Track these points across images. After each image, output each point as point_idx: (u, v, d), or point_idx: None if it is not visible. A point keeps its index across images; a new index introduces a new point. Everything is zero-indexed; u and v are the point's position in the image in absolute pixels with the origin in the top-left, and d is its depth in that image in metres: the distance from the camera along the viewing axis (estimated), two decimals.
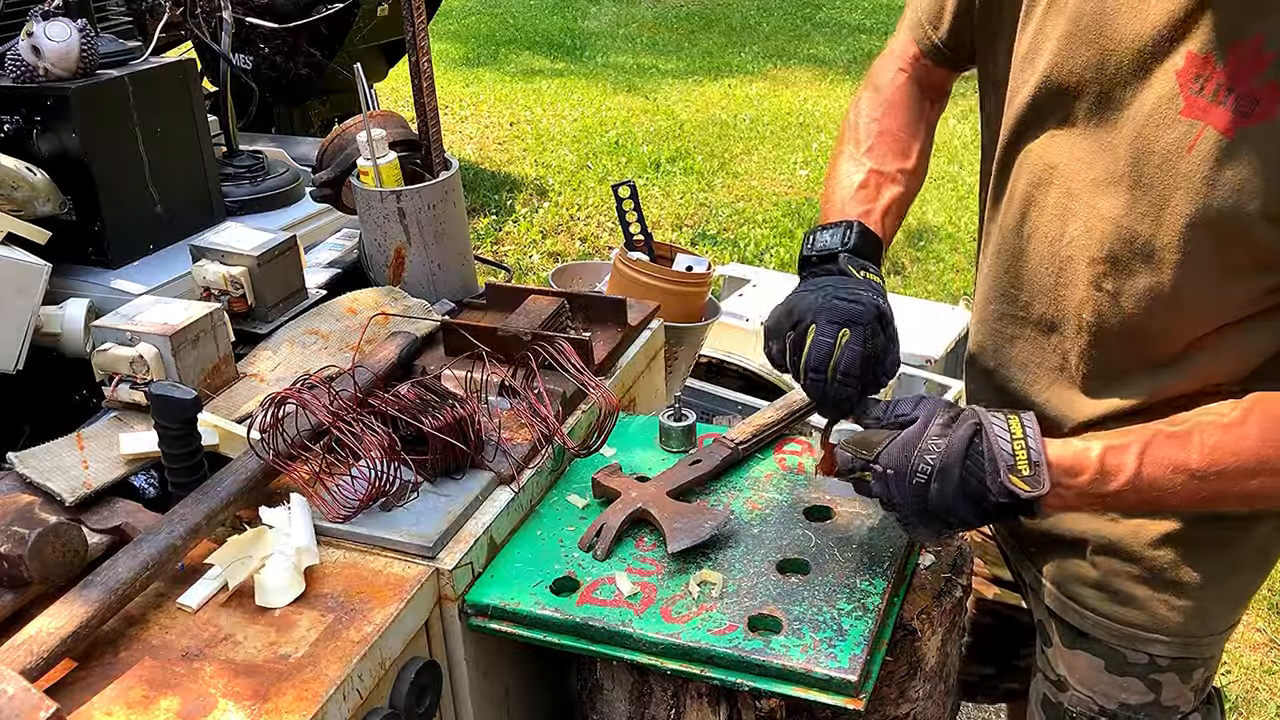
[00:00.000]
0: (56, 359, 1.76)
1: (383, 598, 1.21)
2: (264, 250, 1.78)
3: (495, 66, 8.31)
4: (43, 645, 1.07)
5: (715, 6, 10.10)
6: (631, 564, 1.31)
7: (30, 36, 1.86)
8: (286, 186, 2.36)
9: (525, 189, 5.75)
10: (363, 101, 1.94)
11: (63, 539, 1.20)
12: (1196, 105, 1.06)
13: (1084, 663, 1.37)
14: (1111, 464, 1.09)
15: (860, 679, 1.12)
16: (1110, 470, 1.09)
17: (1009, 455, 1.07)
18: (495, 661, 1.36)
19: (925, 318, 3.24)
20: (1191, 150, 1.07)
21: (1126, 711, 1.37)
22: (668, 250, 2.60)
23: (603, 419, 1.49)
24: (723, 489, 1.45)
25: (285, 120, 3.92)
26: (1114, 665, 1.35)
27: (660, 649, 1.19)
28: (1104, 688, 1.37)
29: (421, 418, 1.36)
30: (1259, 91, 1.03)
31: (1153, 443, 1.10)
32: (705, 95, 7.43)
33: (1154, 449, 1.09)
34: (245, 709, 1.06)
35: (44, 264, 1.71)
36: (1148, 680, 1.35)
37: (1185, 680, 1.36)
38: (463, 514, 1.33)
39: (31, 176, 1.84)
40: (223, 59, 2.52)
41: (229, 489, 1.30)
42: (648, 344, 1.83)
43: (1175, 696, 1.36)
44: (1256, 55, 1.02)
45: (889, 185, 1.36)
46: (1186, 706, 1.38)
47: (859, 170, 1.37)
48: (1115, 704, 1.37)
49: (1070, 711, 1.40)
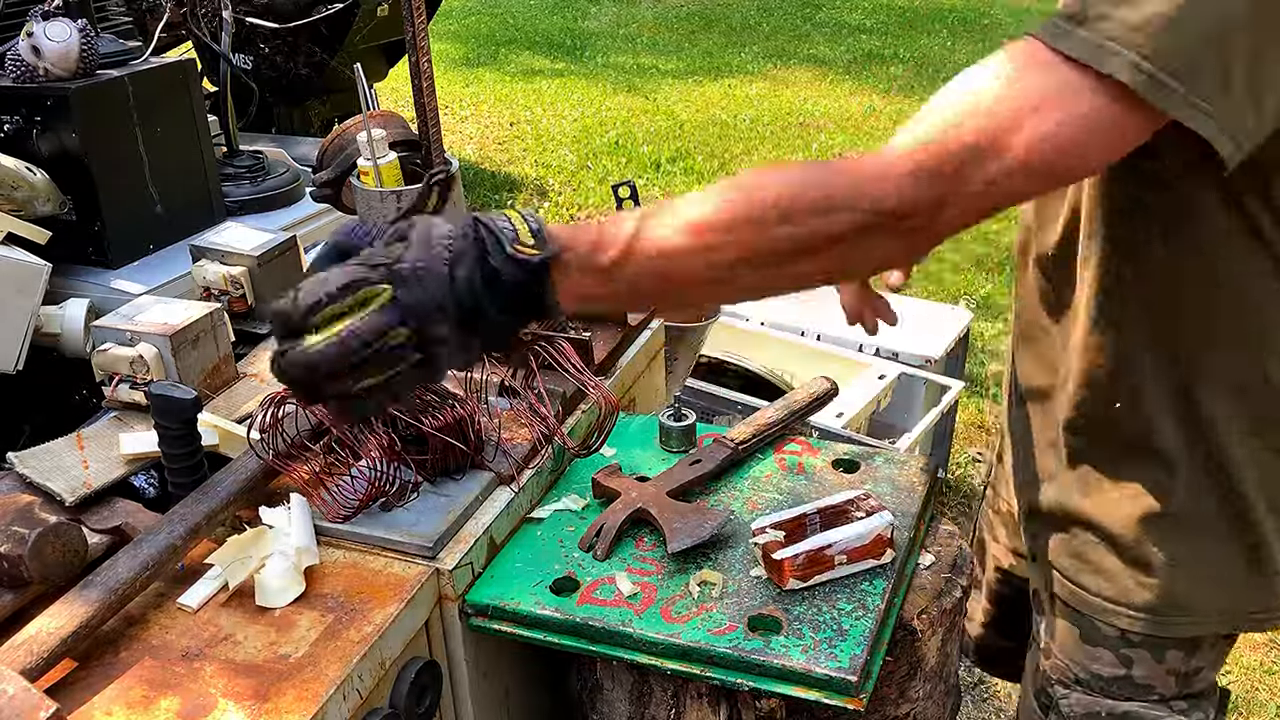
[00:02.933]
0: (56, 359, 1.76)
1: (383, 598, 1.21)
2: (264, 250, 1.78)
3: (495, 66, 8.30)
4: (43, 645, 1.07)
5: (715, 6, 10.10)
6: (631, 564, 1.31)
7: (30, 36, 1.86)
8: (286, 186, 2.36)
9: (525, 189, 5.75)
10: (363, 101, 1.94)
11: (63, 539, 1.20)
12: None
13: (1063, 629, 1.38)
14: (609, 232, 0.98)
15: (860, 679, 1.12)
16: (606, 238, 0.98)
17: (511, 230, 0.97)
18: (495, 661, 1.36)
19: (925, 318, 3.24)
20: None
21: (1099, 682, 1.37)
22: None
23: (603, 419, 1.49)
24: (723, 489, 1.45)
25: (285, 120, 3.92)
26: (1086, 634, 1.35)
27: (660, 649, 1.19)
28: (1078, 656, 1.37)
29: (421, 418, 1.36)
30: None
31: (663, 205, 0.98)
32: (705, 95, 7.43)
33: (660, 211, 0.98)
34: (245, 709, 1.06)
35: (44, 264, 1.71)
36: (1119, 654, 1.34)
37: (1158, 660, 1.34)
38: (463, 514, 1.33)
39: (31, 176, 1.84)
40: (223, 59, 2.52)
41: (229, 489, 1.30)
42: (648, 344, 1.83)
43: (1148, 675, 1.35)
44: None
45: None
46: (1166, 691, 1.36)
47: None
48: (1087, 673, 1.37)
49: (1050, 677, 1.41)
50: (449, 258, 0.95)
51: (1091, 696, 1.37)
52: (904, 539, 1.31)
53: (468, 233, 0.97)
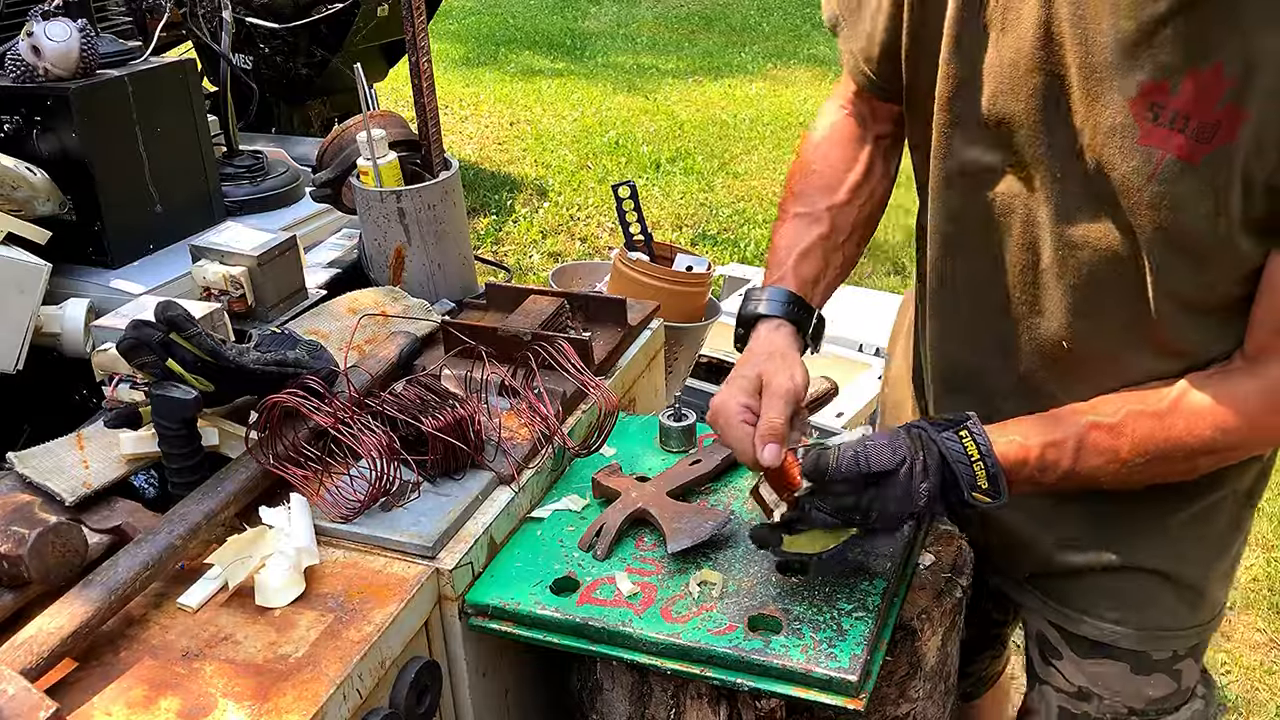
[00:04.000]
0: (56, 359, 1.76)
1: (383, 598, 1.21)
2: (264, 250, 1.78)
3: (495, 66, 8.30)
4: (43, 645, 1.07)
5: (715, 6, 10.10)
6: (631, 564, 1.31)
7: (30, 36, 1.86)
8: (286, 186, 2.36)
9: (525, 189, 5.75)
10: (363, 101, 1.94)
11: (63, 539, 1.20)
12: (1154, 133, 1.06)
13: (1108, 670, 1.41)
14: (1050, 459, 1.18)
15: (860, 679, 1.12)
16: (1049, 464, 1.18)
17: (970, 475, 1.16)
18: (495, 661, 1.36)
19: None
20: (1153, 178, 1.07)
21: (1154, 705, 1.41)
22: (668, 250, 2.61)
23: (603, 419, 1.49)
24: (723, 489, 1.45)
25: (285, 120, 3.92)
26: (1139, 667, 1.39)
27: (660, 649, 1.19)
28: (1132, 688, 1.41)
29: (421, 418, 1.36)
30: (1219, 115, 1.02)
31: (1087, 437, 1.18)
32: (705, 95, 7.43)
33: (1088, 443, 1.18)
34: (245, 709, 1.06)
35: (44, 264, 1.71)
36: (1170, 672, 1.40)
37: (1198, 660, 1.43)
38: (463, 514, 1.33)
39: (31, 176, 1.84)
40: (223, 59, 2.52)
41: (229, 489, 1.31)
42: (648, 344, 1.83)
43: (1190, 677, 1.43)
44: (1215, 82, 1.01)
45: (811, 227, 1.38)
46: (1195, 682, 1.44)
47: (781, 221, 1.41)
48: (1143, 701, 1.41)
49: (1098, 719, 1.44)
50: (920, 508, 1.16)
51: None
52: (904, 542, 1.31)
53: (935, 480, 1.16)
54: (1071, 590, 1.39)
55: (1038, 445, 1.18)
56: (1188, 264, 1.11)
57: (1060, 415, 1.21)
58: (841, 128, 1.44)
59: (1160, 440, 1.16)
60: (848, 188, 1.40)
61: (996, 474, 1.16)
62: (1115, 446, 1.17)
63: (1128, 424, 1.17)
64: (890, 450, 1.15)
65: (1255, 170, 1.03)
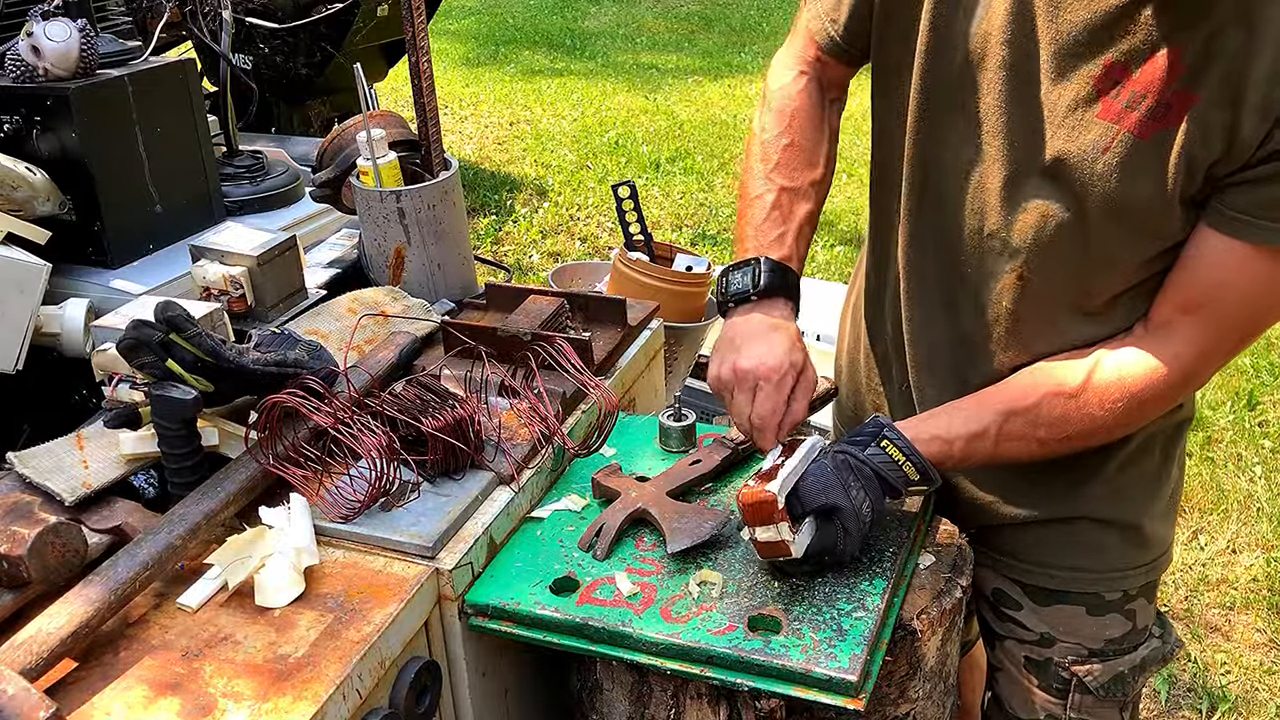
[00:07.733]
0: (56, 359, 1.76)
1: (382, 598, 1.21)
2: (264, 250, 1.78)
3: (495, 66, 8.30)
4: (43, 645, 1.07)
5: (715, 6, 10.10)
6: (631, 564, 1.31)
7: (30, 36, 1.86)
8: (286, 186, 2.36)
9: (525, 189, 5.75)
10: (363, 101, 1.94)
11: (63, 539, 1.20)
12: (1112, 109, 1.14)
13: (1065, 614, 1.46)
14: (971, 449, 1.28)
15: (860, 679, 1.12)
16: (971, 454, 1.29)
17: (901, 476, 1.26)
18: (495, 661, 1.36)
19: None
20: (1107, 151, 1.15)
21: (1112, 645, 1.47)
22: (668, 250, 2.61)
23: (603, 419, 1.49)
24: (723, 489, 1.45)
25: (285, 120, 3.92)
26: (1093, 608, 1.45)
27: (660, 649, 1.19)
28: (1088, 630, 1.46)
29: (421, 418, 1.36)
30: (1172, 98, 1.10)
31: (1005, 425, 1.27)
32: (705, 95, 7.43)
33: (1006, 430, 1.27)
34: (245, 709, 1.06)
35: (44, 264, 1.71)
36: (1124, 611, 1.46)
37: (1150, 599, 1.48)
38: (463, 514, 1.33)
39: (31, 176, 1.84)
40: (223, 59, 2.52)
41: (229, 489, 1.31)
42: (648, 344, 1.83)
43: (1145, 617, 1.48)
44: (1174, 65, 1.09)
45: (800, 202, 1.42)
46: (1150, 622, 1.50)
47: (769, 190, 1.42)
48: (1100, 641, 1.46)
49: (1061, 662, 1.48)
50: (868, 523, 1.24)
51: (1109, 661, 1.46)
52: (903, 541, 1.31)
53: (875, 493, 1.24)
54: (1020, 544, 1.45)
55: (959, 440, 1.28)
56: (1127, 233, 1.18)
57: (981, 402, 1.30)
58: (807, 94, 1.47)
59: (1075, 419, 1.25)
60: (823, 159, 1.46)
61: (925, 466, 1.26)
62: (1032, 432, 1.27)
63: (1044, 407, 1.26)
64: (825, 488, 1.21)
65: (1199, 154, 1.10)
